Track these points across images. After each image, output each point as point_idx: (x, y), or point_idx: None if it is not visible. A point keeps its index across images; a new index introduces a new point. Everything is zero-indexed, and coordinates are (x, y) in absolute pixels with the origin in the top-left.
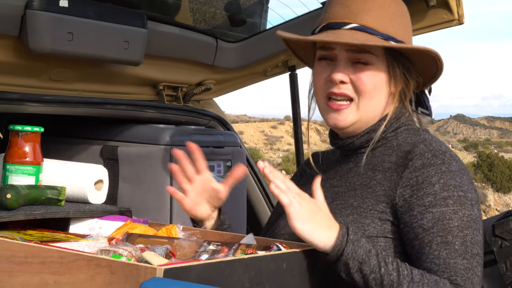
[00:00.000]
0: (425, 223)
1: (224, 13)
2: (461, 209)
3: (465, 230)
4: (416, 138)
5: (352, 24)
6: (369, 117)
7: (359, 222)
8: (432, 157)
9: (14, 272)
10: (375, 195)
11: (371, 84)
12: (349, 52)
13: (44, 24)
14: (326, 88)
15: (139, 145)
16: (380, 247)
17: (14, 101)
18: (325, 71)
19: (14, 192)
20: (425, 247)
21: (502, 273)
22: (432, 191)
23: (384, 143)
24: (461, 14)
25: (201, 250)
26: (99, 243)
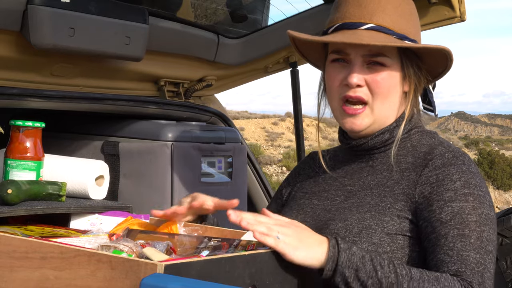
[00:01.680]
0: (443, 216)
1: (225, 9)
2: (480, 207)
3: (483, 226)
4: (432, 140)
5: (369, 24)
6: (383, 118)
7: (378, 219)
8: (452, 158)
9: (14, 267)
10: (393, 193)
11: (386, 86)
12: (365, 56)
13: (45, 19)
14: (341, 91)
15: (140, 141)
16: (399, 245)
17: (15, 96)
18: (340, 72)
19: (15, 187)
20: (441, 239)
21: (502, 270)
22: (453, 187)
23: (398, 144)
24: (463, 11)
25: (202, 246)
26: (100, 239)
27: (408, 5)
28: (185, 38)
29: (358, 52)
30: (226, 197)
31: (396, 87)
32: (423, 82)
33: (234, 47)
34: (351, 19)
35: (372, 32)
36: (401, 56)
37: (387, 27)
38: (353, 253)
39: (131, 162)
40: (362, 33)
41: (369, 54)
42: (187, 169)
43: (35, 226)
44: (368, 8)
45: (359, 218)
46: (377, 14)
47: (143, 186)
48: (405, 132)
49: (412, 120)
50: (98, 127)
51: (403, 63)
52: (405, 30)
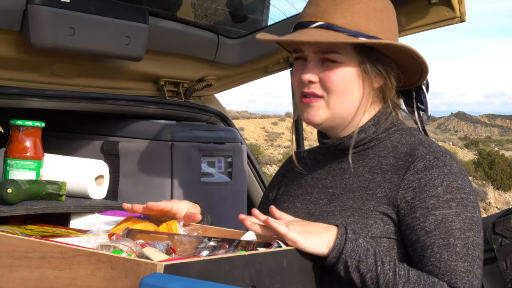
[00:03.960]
0: (427, 226)
1: (225, 9)
2: (463, 211)
3: (467, 232)
4: (412, 139)
5: (318, 22)
6: (343, 114)
7: (361, 223)
8: (434, 159)
9: (14, 266)
10: (376, 197)
11: (340, 82)
12: (317, 52)
13: (45, 19)
14: (300, 88)
15: (140, 140)
16: (384, 248)
17: (15, 95)
18: (298, 70)
19: (15, 186)
20: (427, 249)
21: (502, 270)
22: (435, 193)
23: (376, 144)
24: (463, 12)
25: (202, 246)
26: (100, 239)
27: (372, 2)
28: (185, 38)
29: (310, 50)
30: (226, 197)
31: (354, 83)
32: (393, 80)
33: (234, 47)
34: (305, 18)
35: (319, 30)
36: (356, 52)
37: (338, 24)
38: (359, 244)
39: (131, 162)
40: (310, 31)
41: (320, 51)
42: (187, 169)
43: (35, 225)
44: (321, 6)
45: (343, 222)
46: (328, 12)
47: (143, 186)
48: (382, 131)
49: (389, 118)
50: (98, 126)
51: (359, 60)
52: (361, 27)
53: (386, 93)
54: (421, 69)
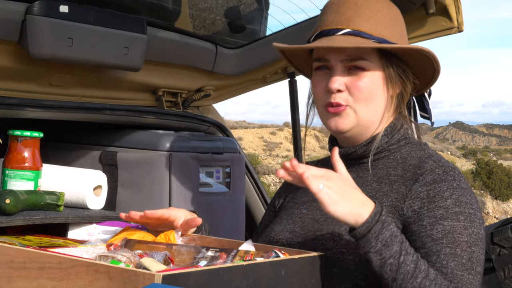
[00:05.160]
0: (434, 234)
1: (224, 19)
2: (471, 226)
3: (473, 247)
4: (421, 153)
5: (345, 29)
6: (368, 122)
7: None
8: (443, 173)
9: (13, 277)
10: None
11: (367, 90)
12: (344, 60)
13: (44, 30)
14: (325, 97)
15: (138, 151)
16: None
17: (13, 106)
18: (323, 80)
19: (13, 197)
20: (433, 255)
21: (500, 280)
22: (444, 205)
23: (387, 155)
24: (461, 22)
25: (200, 257)
26: (98, 249)
27: (390, 11)
28: (184, 48)
29: (337, 58)
30: (224, 207)
31: (379, 91)
32: (409, 87)
33: (232, 57)
34: (329, 26)
35: (348, 37)
36: (382, 59)
37: (365, 31)
38: (389, 228)
39: (129, 172)
40: (338, 38)
41: (348, 58)
42: (185, 179)
43: (33, 236)
44: (345, 14)
45: (347, 229)
46: (354, 19)
47: (141, 196)
48: (393, 142)
49: (401, 130)
50: (96, 137)
51: (384, 67)
52: (385, 34)
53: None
54: (432, 76)
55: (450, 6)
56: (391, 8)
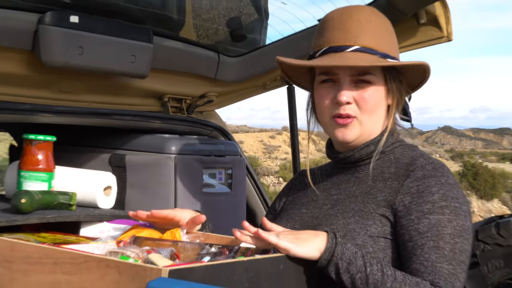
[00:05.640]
0: (421, 227)
1: (225, 29)
2: (456, 219)
3: (456, 238)
4: (414, 153)
5: (354, 46)
6: (370, 131)
7: (361, 223)
8: (432, 169)
9: (29, 271)
10: (376, 200)
11: (372, 102)
12: (352, 75)
13: (55, 39)
14: (332, 108)
15: (146, 153)
16: (381, 247)
17: (27, 111)
18: (330, 92)
19: (28, 197)
20: (417, 249)
21: (484, 274)
22: (431, 199)
23: (382, 157)
24: (450, 32)
25: (204, 253)
26: (108, 245)
27: (387, 25)
28: (188, 57)
29: (345, 73)
30: (226, 206)
31: (382, 101)
32: (404, 96)
33: (234, 65)
34: (337, 42)
35: (357, 54)
36: (384, 73)
37: (371, 47)
38: (348, 248)
39: (137, 174)
40: (348, 55)
41: (356, 73)
42: (189, 180)
43: (47, 233)
44: (352, 31)
45: (344, 222)
46: (361, 36)
47: (148, 196)
48: (388, 145)
49: (394, 134)
50: (106, 140)
51: (387, 79)
52: (387, 49)
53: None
54: (419, 84)
55: (440, 16)
56: (386, 21)
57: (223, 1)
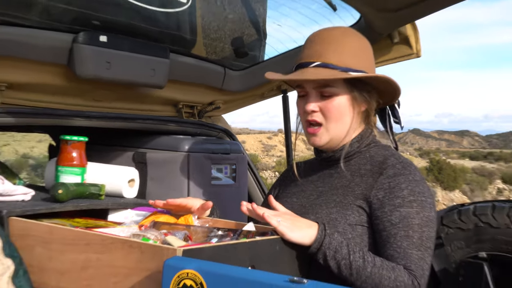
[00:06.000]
0: (393, 219)
1: (230, 47)
2: (422, 211)
3: (424, 227)
4: (386, 152)
5: (316, 62)
6: (339, 135)
7: (342, 213)
8: (402, 168)
9: (64, 251)
10: (354, 193)
11: (336, 111)
12: (316, 87)
13: (87, 55)
14: (305, 116)
15: (163, 151)
16: (358, 233)
17: (63, 116)
18: (302, 103)
19: (64, 188)
20: (391, 237)
21: (447, 254)
22: (401, 195)
23: (359, 155)
24: (419, 49)
25: (212, 235)
26: (132, 229)
27: (357, 43)
28: (199, 70)
29: (310, 86)
30: (231, 196)
31: (346, 110)
32: (374, 105)
33: (237, 78)
34: (305, 59)
35: (318, 69)
36: (347, 84)
37: (331, 63)
38: (335, 238)
39: (156, 169)
40: (310, 70)
41: (318, 86)
42: (200, 174)
43: (80, 219)
44: (317, 50)
45: (327, 212)
46: (324, 54)
47: (165, 188)
48: (364, 146)
49: (370, 137)
50: (130, 141)
51: (349, 90)
52: (350, 64)
53: (369, 114)
54: (395, 92)
55: (411, 36)
56: (358, 40)
57: (228, 24)
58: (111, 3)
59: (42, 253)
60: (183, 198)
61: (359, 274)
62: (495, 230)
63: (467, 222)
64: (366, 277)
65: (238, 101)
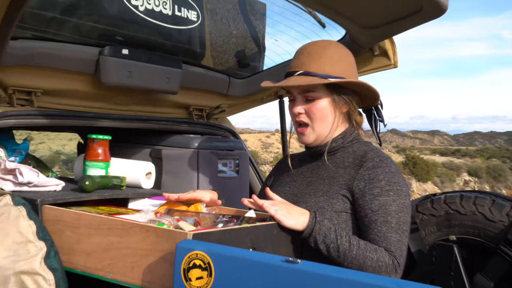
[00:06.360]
0: (373, 207)
1: (234, 58)
2: (398, 199)
3: (400, 213)
4: (366, 148)
5: (300, 71)
6: (324, 133)
7: (328, 201)
8: (379, 161)
9: (90, 235)
10: (339, 183)
11: (319, 112)
12: (301, 92)
13: (111, 65)
14: (294, 118)
15: (177, 148)
16: (343, 219)
17: (90, 118)
18: (291, 107)
19: (91, 180)
20: (372, 223)
21: (422, 237)
22: (379, 185)
23: (343, 150)
24: (396, 60)
25: (218, 221)
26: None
27: (336, 54)
28: (207, 79)
29: (296, 91)
30: (235, 187)
31: (328, 111)
32: (354, 107)
33: (240, 85)
34: (291, 69)
35: (301, 77)
36: (327, 89)
37: (312, 71)
38: (324, 224)
39: (170, 163)
40: (294, 78)
41: (303, 91)
42: (208, 168)
43: (104, 206)
44: (301, 60)
45: (316, 200)
46: (306, 63)
47: (178, 180)
48: (348, 142)
49: (353, 134)
50: (147, 139)
51: (330, 94)
52: (328, 71)
53: (351, 115)
54: (374, 95)
55: (389, 50)
56: (337, 51)
57: (233, 39)
58: (132, 21)
59: (71, 237)
60: (193, 192)
61: (345, 256)
62: (463, 216)
63: (438, 209)
64: (352, 258)
65: (240, 105)
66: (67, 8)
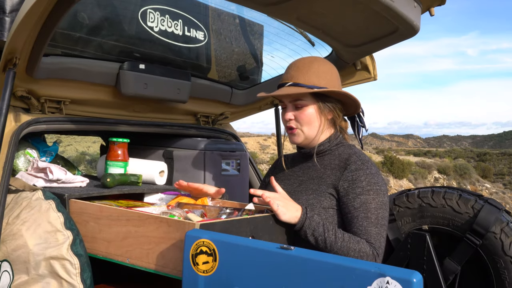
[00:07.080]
0: (355, 204)
1: (236, 72)
2: (377, 197)
3: (379, 210)
4: (350, 151)
5: (289, 82)
6: (311, 136)
7: (317, 199)
8: (361, 164)
9: (111, 225)
10: (326, 183)
11: (307, 118)
12: (291, 101)
13: (130, 78)
14: (285, 124)
15: (186, 150)
16: (330, 214)
17: (111, 123)
18: (283, 114)
19: (112, 177)
20: (354, 219)
21: (399, 227)
22: (361, 185)
23: (330, 152)
24: (375, 74)
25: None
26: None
27: (321, 67)
28: (212, 89)
29: (287, 100)
30: (236, 184)
31: (315, 117)
32: (338, 114)
33: (241, 95)
34: (283, 81)
35: (290, 87)
36: (314, 98)
37: (300, 82)
38: (314, 219)
39: (180, 163)
40: (284, 88)
41: (292, 100)
42: (213, 167)
43: (123, 200)
44: (290, 73)
45: (306, 198)
46: (295, 76)
47: (187, 178)
48: (334, 145)
49: (338, 138)
50: (161, 142)
51: (316, 102)
52: (314, 82)
53: (336, 121)
54: (355, 104)
55: (369, 65)
56: (323, 65)
57: (234, 55)
58: (148, 40)
59: (94, 227)
60: (200, 184)
61: (331, 247)
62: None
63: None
64: (337, 249)
65: (241, 112)
66: (91, 29)
